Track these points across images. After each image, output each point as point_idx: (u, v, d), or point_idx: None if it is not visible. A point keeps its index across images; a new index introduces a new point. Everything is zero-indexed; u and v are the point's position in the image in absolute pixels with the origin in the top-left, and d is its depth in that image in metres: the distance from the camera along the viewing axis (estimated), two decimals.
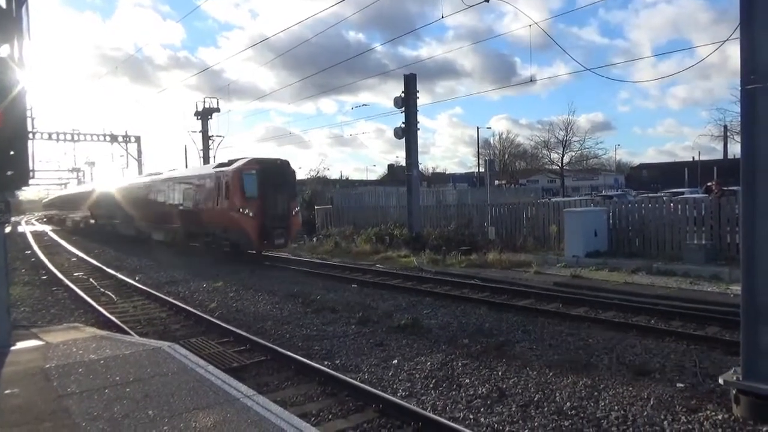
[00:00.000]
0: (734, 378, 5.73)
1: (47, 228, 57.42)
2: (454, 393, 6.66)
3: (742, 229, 5.73)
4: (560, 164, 69.32)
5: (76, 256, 25.43)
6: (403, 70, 31.43)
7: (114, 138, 53.34)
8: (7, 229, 8.40)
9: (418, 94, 23.48)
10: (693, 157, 71.48)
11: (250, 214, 19.73)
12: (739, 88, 5.71)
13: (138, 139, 54.75)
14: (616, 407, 6.04)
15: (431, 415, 5.83)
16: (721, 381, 5.87)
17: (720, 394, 6.17)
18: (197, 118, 45.16)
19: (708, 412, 5.80)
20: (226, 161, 22.54)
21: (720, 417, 5.66)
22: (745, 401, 5.60)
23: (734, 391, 5.71)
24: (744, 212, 5.68)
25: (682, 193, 29.35)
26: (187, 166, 47.07)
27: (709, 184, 24.36)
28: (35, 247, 29.01)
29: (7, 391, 5.75)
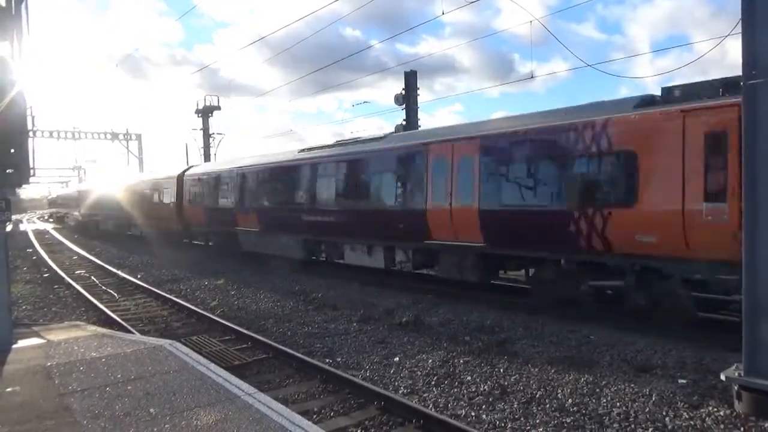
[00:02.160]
0: (736, 374, 5.72)
1: (49, 226, 57.44)
2: (455, 390, 6.66)
3: (744, 224, 5.70)
4: None
5: (78, 254, 25.45)
6: (402, 67, 31.23)
7: (115, 136, 53.42)
8: (8, 228, 8.40)
9: (418, 91, 23.42)
10: None
11: None
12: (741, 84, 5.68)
13: (139, 137, 54.84)
14: (618, 404, 6.04)
15: (433, 412, 5.83)
16: (722, 377, 5.86)
17: (722, 390, 6.15)
18: (198, 116, 45.14)
19: (710, 408, 5.79)
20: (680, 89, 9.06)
21: (722, 413, 5.65)
22: (747, 397, 5.59)
23: (736, 387, 5.70)
24: (747, 207, 5.66)
25: None
26: (188, 163, 38.35)
27: None
28: (37, 246, 29.04)
29: (8, 389, 5.76)
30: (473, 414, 5.94)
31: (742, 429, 5.34)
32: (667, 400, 6.07)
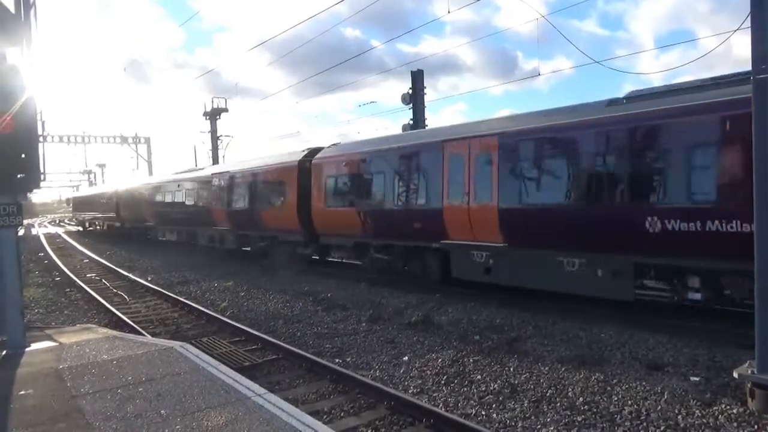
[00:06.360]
0: (749, 371, 5.67)
1: (60, 230, 57.92)
2: (465, 389, 6.64)
3: (756, 220, 5.65)
4: None
5: (89, 257, 25.63)
6: (404, 67, 31.10)
7: (124, 139, 53.81)
8: (21, 232, 8.49)
9: (425, 90, 23.38)
10: None
11: None
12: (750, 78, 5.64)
13: (148, 141, 55.17)
14: (629, 402, 6.00)
15: (443, 412, 5.82)
16: (735, 375, 5.81)
17: (735, 387, 6.10)
18: (206, 119, 45.30)
19: (723, 405, 5.74)
20: None
21: (735, 411, 5.60)
22: (760, 395, 5.53)
23: (749, 385, 5.65)
24: (758, 203, 5.60)
25: None
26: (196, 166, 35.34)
27: None
28: (48, 249, 29.29)
29: (21, 392, 5.81)
30: (483, 413, 5.93)
31: (755, 426, 5.29)
32: (679, 398, 6.03)
